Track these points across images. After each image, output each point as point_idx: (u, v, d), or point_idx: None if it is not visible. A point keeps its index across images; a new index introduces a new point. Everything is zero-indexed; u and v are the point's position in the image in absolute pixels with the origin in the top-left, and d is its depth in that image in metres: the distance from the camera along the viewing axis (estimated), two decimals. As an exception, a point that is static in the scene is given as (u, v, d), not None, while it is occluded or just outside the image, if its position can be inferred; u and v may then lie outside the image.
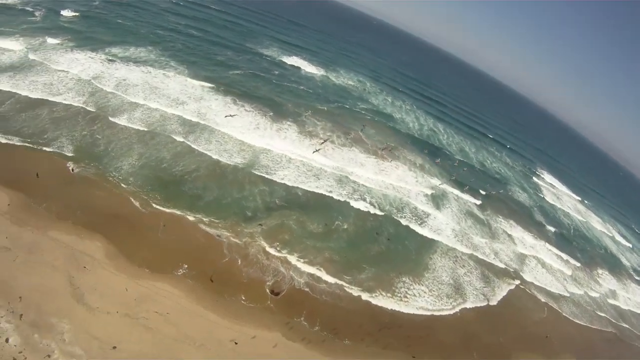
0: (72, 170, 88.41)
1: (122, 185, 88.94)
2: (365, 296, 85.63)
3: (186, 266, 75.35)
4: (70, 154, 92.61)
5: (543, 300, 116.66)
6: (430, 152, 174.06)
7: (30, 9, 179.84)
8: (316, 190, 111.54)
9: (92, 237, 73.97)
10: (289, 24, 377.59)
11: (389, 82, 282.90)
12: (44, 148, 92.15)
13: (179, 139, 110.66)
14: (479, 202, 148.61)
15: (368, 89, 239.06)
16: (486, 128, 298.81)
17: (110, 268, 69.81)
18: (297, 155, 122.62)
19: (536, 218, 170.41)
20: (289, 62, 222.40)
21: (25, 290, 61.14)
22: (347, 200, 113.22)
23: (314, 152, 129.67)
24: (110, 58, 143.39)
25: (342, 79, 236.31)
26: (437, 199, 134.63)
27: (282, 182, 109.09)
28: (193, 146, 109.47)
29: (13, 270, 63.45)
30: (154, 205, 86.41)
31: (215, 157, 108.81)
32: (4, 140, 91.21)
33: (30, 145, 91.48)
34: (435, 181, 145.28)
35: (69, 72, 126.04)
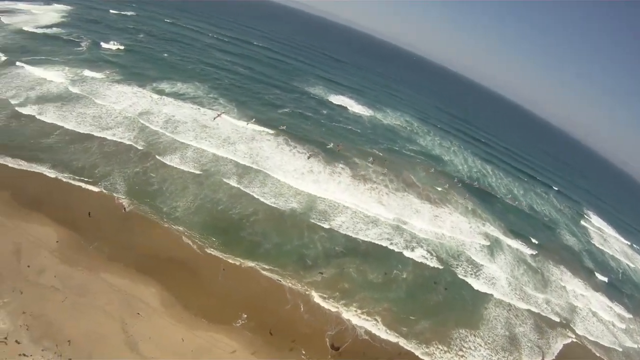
0: (125, 209, 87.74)
1: (178, 227, 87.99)
2: (420, 351, 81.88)
3: (245, 316, 73.08)
4: (122, 192, 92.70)
5: (597, 354, 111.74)
6: (480, 196, 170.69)
7: (76, 40, 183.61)
8: (375, 238, 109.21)
9: (146, 282, 72.56)
10: (331, 61, 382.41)
11: (435, 122, 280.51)
12: (95, 185, 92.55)
13: (233, 182, 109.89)
14: (530, 251, 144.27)
15: (415, 129, 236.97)
16: (533, 169, 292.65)
17: (166, 316, 67.98)
18: (353, 203, 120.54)
19: (586, 264, 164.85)
20: (335, 102, 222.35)
21: (74, 334, 59.59)
22: (405, 248, 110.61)
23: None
24: (158, 93, 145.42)
25: (389, 119, 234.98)
26: (491, 248, 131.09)
27: (341, 229, 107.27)
28: (247, 191, 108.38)
29: (62, 311, 62.13)
30: (211, 249, 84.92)
31: (271, 201, 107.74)
32: (52, 174, 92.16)
33: (81, 182, 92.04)
34: (488, 228, 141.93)
35: (117, 107, 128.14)
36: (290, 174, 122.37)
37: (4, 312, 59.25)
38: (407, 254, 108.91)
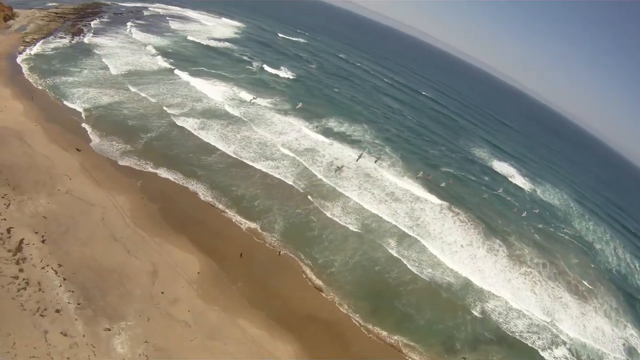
0: (280, 252, 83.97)
1: (330, 284, 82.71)
2: None
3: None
4: (279, 232, 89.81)
5: None
6: (625, 295, 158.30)
7: (247, 59, 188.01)
8: (523, 330, 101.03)
9: (284, 338, 67.83)
10: (496, 122, 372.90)
11: (591, 205, 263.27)
12: (251, 220, 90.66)
13: (390, 245, 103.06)
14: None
15: (571, 210, 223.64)
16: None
17: (295, 383, 63.20)
18: (507, 288, 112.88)
19: None
20: (497, 169, 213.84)
21: (197, 380, 56.11)
22: (551, 345, 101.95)
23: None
24: (325, 131, 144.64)
25: (547, 195, 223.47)
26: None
27: (493, 314, 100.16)
28: (402, 257, 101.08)
29: (188, 351, 59.21)
30: (358, 315, 78.99)
31: (427, 272, 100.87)
32: (207, 197, 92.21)
33: (237, 214, 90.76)
34: (628, 332, 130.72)
35: (281, 138, 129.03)
36: (449, 246, 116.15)
37: (126, 336, 57.21)
38: (551, 352, 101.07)
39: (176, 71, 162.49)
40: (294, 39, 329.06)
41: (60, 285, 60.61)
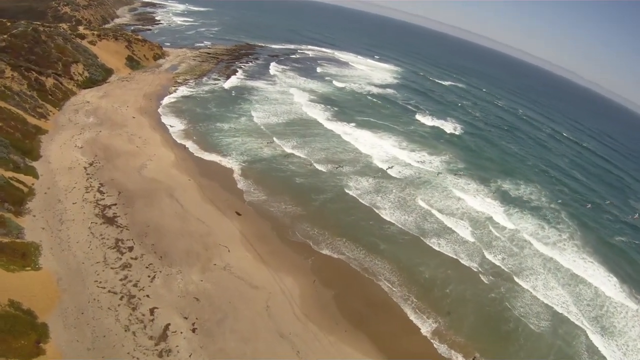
0: (474, 358, 71.12)
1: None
2: None
3: None
4: (466, 330, 75.66)
5: None
6: None
7: (412, 108, 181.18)
8: None
9: None
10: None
11: None
12: (436, 314, 77.77)
13: (580, 341, 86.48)
14: None
15: None
16: None
17: None
18: None
19: None
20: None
21: None
22: None
23: None
24: (501, 195, 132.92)
25: None
26: None
27: None
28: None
29: None
30: None
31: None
32: (394, 286, 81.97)
33: (422, 312, 77.75)
34: None
35: (460, 204, 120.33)
36: (634, 342, 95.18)
37: None
38: None
39: (340, 123, 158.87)
40: (447, 83, 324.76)
41: (211, 392, 52.14)
